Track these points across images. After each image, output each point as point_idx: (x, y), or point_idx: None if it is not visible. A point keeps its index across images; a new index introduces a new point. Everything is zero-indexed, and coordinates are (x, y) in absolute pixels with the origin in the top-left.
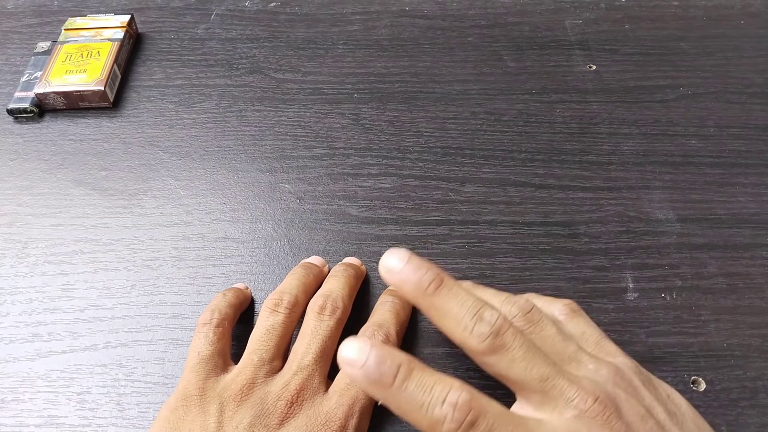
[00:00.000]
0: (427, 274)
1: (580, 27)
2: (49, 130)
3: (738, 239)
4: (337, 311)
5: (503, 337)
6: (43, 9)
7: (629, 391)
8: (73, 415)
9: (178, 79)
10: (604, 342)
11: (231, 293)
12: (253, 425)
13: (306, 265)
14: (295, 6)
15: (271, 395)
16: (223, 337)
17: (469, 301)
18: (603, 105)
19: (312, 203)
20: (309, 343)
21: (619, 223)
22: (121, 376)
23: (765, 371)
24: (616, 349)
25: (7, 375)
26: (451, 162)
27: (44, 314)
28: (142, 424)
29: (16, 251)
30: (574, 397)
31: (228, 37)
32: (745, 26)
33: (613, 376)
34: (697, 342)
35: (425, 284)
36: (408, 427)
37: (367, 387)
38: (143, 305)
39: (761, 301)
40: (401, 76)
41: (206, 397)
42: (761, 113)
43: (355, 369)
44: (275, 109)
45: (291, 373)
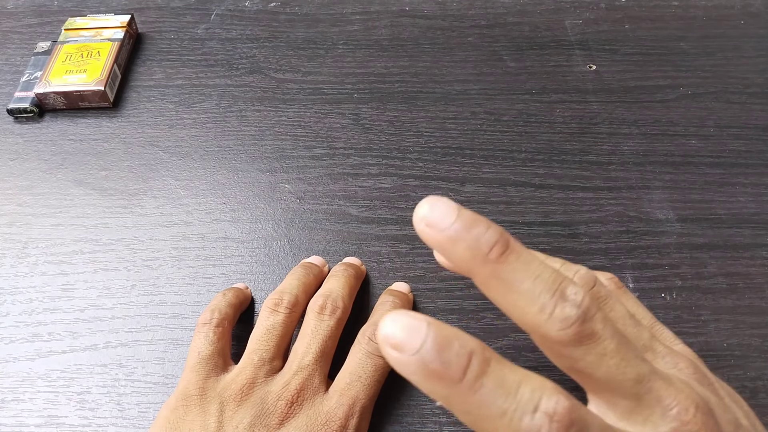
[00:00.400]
0: (488, 233)
1: (580, 27)
2: (49, 130)
3: (738, 239)
4: (337, 311)
5: (592, 323)
6: (43, 9)
7: (711, 390)
8: (73, 415)
9: (178, 79)
10: (658, 326)
11: (231, 293)
12: (253, 425)
13: (306, 265)
14: (295, 6)
15: (271, 395)
16: (223, 337)
17: (546, 272)
18: (603, 105)
19: (312, 203)
20: (309, 342)
21: (619, 223)
22: (121, 376)
23: (765, 371)
24: (671, 334)
25: (7, 375)
26: (451, 162)
27: (44, 314)
28: (142, 424)
29: (16, 251)
30: (673, 406)
31: (228, 37)
32: (745, 26)
33: (694, 372)
34: (697, 342)
35: (486, 247)
36: (407, 427)
37: (422, 381)
38: (143, 305)
39: (761, 301)
40: (401, 76)
41: (206, 396)
42: (761, 113)
43: (404, 355)
44: (275, 109)
45: (291, 373)
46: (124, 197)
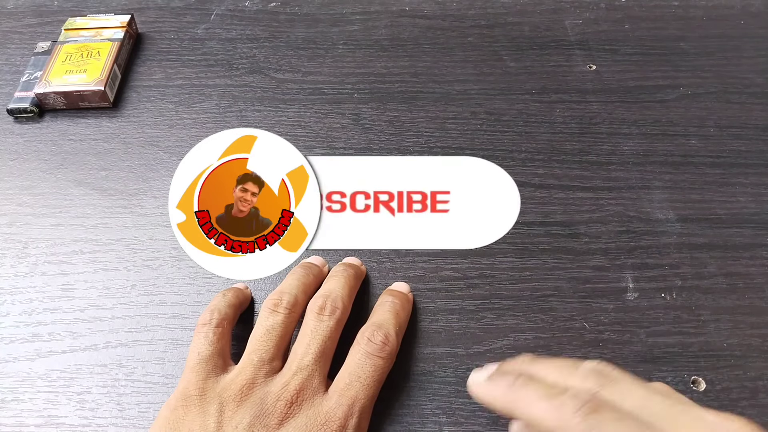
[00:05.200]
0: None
1: (580, 27)
2: (49, 130)
3: (738, 239)
4: (336, 311)
5: (601, 410)
6: (43, 9)
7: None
8: (73, 415)
9: (178, 79)
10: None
11: (231, 293)
12: (252, 425)
13: (306, 265)
14: (295, 6)
15: (270, 395)
16: (223, 337)
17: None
18: (603, 105)
19: None
20: (309, 343)
21: (619, 223)
22: (121, 376)
23: (765, 371)
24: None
25: (7, 375)
26: None
27: (44, 314)
28: (142, 424)
29: (16, 251)
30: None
31: (228, 37)
32: (745, 26)
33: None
34: (697, 342)
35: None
36: (409, 428)
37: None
38: (143, 305)
39: (761, 301)
40: (401, 76)
41: (206, 397)
42: (761, 113)
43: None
44: (275, 109)
45: (291, 374)
46: (124, 197)
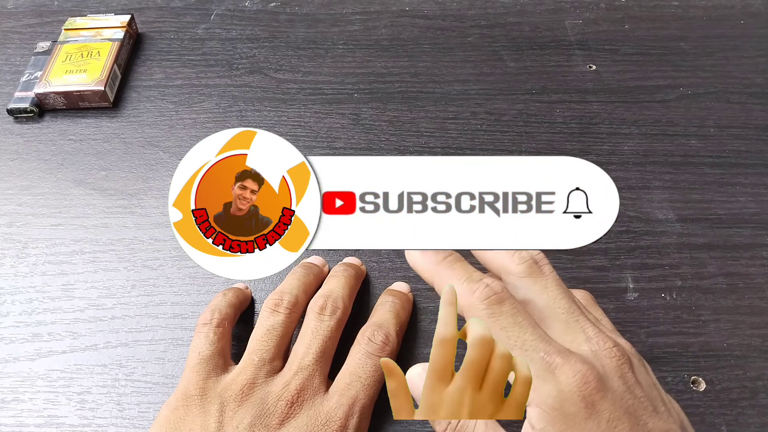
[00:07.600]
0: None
1: (580, 27)
2: (49, 130)
3: (738, 239)
4: (337, 311)
5: (544, 264)
6: (43, 9)
7: (639, 366)
8: (73, 415)
9: (178, 79)
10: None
11: (231, 293)
12: (253, 425)
13: (306, 265)
14: (295, 6)
15: (271, 395)
16: (224, 337)
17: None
18: (603, 105)
19: None
20: (309, 343)
21: (619, 223)
22: (121, 376)
23: (765, 371)
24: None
25: (7, 375)
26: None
27: (44, 314)
28: (142, 424)
29: (16, 251)
30: (594, 337)
31: (228, 37)
32: (745, 26)
33: (630, 347)
34: (697, 342)
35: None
36: (407, 427)
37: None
38: (143, 305)
39: (761, 301)
40: (401, 76)
41: (207, 397)
42: (761, 113)
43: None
44: (275, 109)
45: (291, 374)
46: (124, 197)
